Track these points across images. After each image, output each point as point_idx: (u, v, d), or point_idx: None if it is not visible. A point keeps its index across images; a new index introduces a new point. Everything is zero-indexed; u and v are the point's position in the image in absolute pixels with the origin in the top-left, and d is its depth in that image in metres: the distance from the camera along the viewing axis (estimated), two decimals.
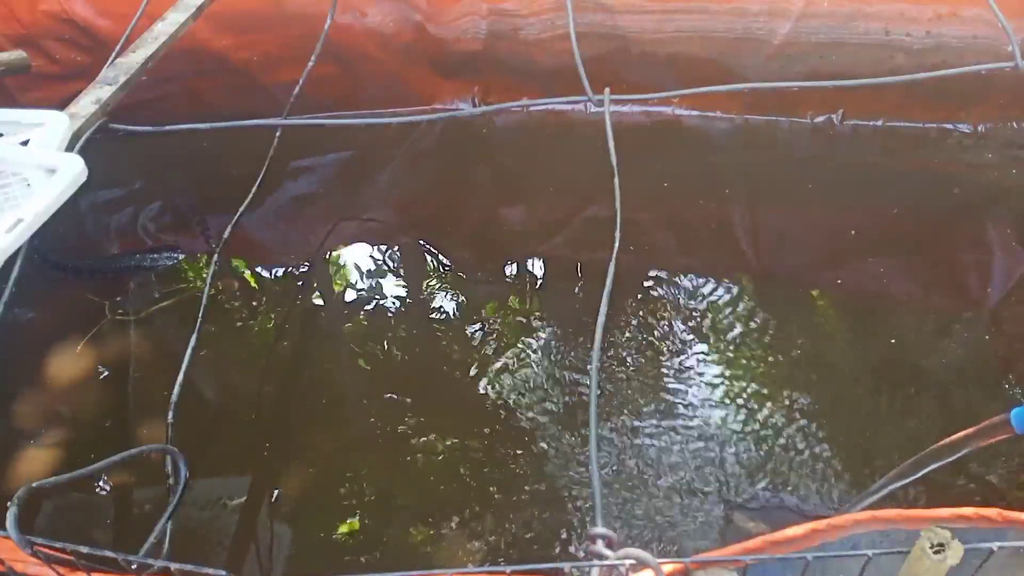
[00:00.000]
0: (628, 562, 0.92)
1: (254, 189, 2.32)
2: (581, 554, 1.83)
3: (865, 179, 2.82)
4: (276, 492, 2.06)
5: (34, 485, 1.09)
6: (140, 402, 2.27)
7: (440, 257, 2.73)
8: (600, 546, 0.99)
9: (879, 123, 2.94)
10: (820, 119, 2.95)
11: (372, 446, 2.14)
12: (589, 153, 2.46)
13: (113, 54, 1.83)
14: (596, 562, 0.94)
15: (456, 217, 2.86)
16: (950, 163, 2.86)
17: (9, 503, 1.07)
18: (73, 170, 1.42)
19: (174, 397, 1.63)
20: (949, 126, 2.92)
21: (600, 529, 1.02)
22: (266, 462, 2.14)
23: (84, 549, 0.94)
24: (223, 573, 0.90)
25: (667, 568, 0.94)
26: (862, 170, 2.85)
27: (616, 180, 1.42)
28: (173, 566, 0.92)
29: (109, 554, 0.95)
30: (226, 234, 2.17)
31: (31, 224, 1.36)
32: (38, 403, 2.24)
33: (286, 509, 2.03)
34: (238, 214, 2.27)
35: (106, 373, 2.31)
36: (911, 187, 2.77)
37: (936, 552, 0.84)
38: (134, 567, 0.99)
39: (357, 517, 2.00)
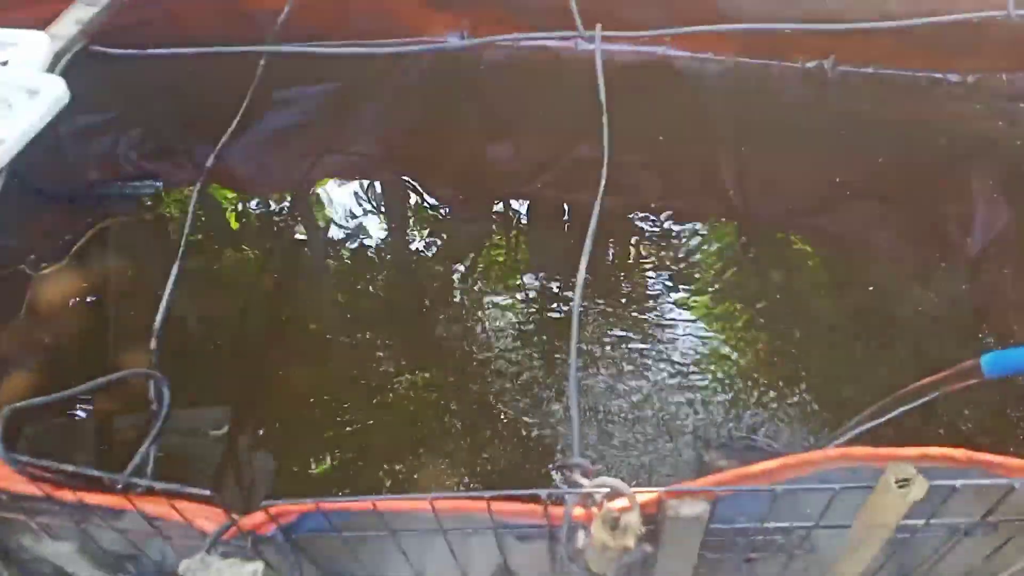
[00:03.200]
0: (603, 490, 0.95)
1: (237, 118, 2.29)
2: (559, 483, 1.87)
3: (853, 126, 2.81)
4: (257, 425, 2.08)
5: (17, 406, 1.10)
6: (119, 333, 2.27)
7: (425, 195, 2.72)
8: (576, 475, 1.01)
9: (870, 70, 2.92)
10: (811, 64, 2.93)
11: (352, 381, 2.16)
12: (578, 92, 2.43)
13: None
14: (572, 490, 0.96)
15: (442, 154, 2.83)
16: (938, 113, 2.85)
17: None
18: (55, 92, 1.40)
19: (156, 325, 1.63)
20: (939, 75, 2.91)
21: (577, 459, 1.04)
22: (247, 396, 2.15)
23: (69, 468, 0.96)
24: (207, 493, 0.91)
25: (641, 497, 0.97)
26: (851, 117, 2.84)
27: (604, 118, 1.41)
28: (158, 486, 0.94)
29: (94, 473, 0.96)
30: (209, 163, 2.14)
31: (13, 146, 1.34)
32: (18, 330, 2.23)
33: (267, 442, 2.05)
34: (220, 144, 2.24)
35: (86, 301, 2.30)
36: (898, 136, 2.77)
37: (901, 487, 0.87)
38: (119, 487, 1.01)
39: (336, 451, 2.03)
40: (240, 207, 2.69)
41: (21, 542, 1.18)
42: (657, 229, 2.55)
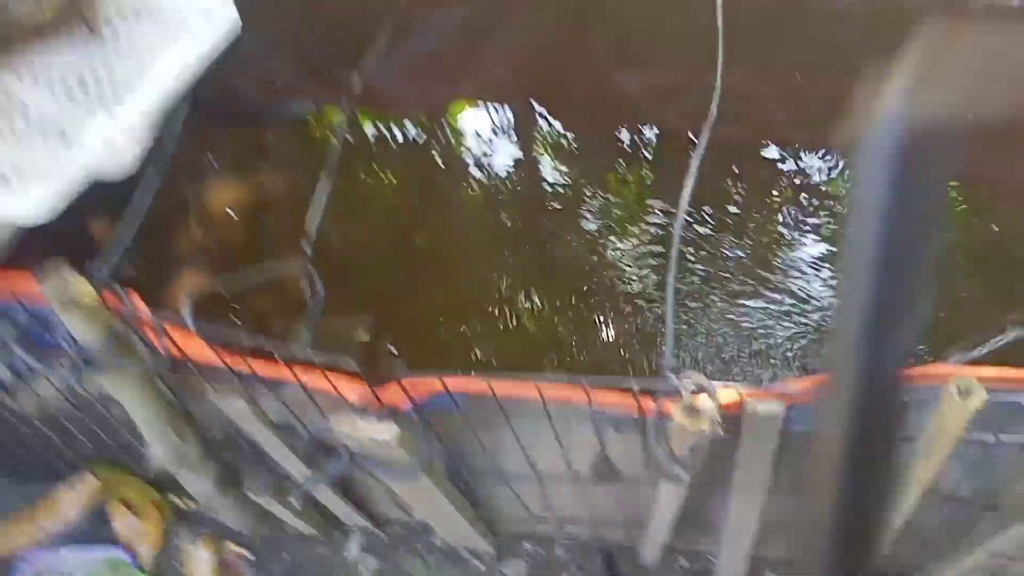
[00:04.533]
0: (689, 385, 1.07)
1: (381, 43, 2.43)
2: None
3: None
4: (393, 335, 2.28)
5: (199, 292, 1.31)
6: (274, 241, 2.51)
7: (553, 121, 2.82)
8: (667, 372, 1.14)
9: None
10: None
11: (480, 300, 2.34)
12: (709, 18, 2.44)
13: None
14: (662, 383, 1.09)
15: (571, 79, 2.90)
16: None
17: (182, 303, 1.30)
18: (227, 14, 1.56)
19: (311, 232, 1.81)
20: None
21: (669, 360, 1.17)
22: (385, 308, 2.36)
23: (245, 336, 1.16)
24: (354, 365, 1.10)
25: (723, 395, 1.08)
26: None
27: (720, 36, 1.47)
28: (315, 356, 1.13)
29: (265, 343, 1.17)
30: (356, 87, 2.30)
31: (194, 68, 1.53)
32: (187, 235, 2.51)
33: (401, 352, 2.26)
34: (365, 68, 2.40)
35: (244, 211, 2.56)
36: None
37: (962, 396, 0.95)
38: (283, 356, 1.21)
39: (464, 362, 2.21)
40: (382, 129, 2.88)
41: (203, 403, 1.43)
42: (786, 160, 2.56)
